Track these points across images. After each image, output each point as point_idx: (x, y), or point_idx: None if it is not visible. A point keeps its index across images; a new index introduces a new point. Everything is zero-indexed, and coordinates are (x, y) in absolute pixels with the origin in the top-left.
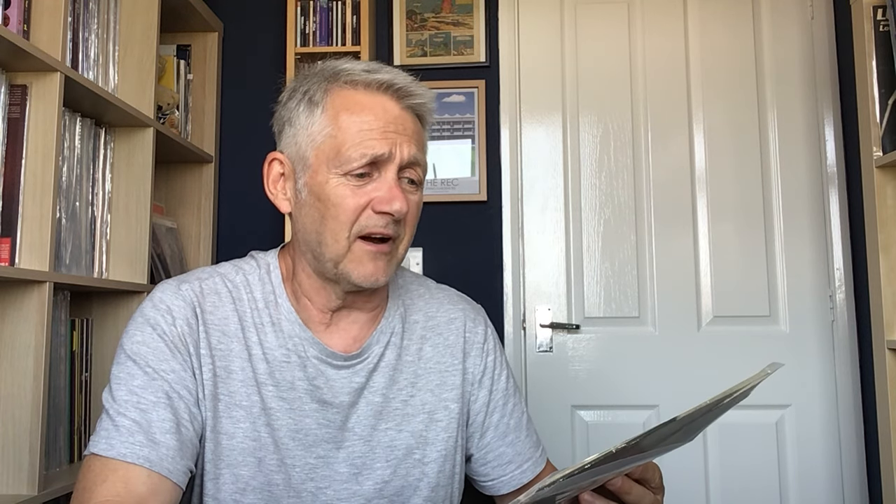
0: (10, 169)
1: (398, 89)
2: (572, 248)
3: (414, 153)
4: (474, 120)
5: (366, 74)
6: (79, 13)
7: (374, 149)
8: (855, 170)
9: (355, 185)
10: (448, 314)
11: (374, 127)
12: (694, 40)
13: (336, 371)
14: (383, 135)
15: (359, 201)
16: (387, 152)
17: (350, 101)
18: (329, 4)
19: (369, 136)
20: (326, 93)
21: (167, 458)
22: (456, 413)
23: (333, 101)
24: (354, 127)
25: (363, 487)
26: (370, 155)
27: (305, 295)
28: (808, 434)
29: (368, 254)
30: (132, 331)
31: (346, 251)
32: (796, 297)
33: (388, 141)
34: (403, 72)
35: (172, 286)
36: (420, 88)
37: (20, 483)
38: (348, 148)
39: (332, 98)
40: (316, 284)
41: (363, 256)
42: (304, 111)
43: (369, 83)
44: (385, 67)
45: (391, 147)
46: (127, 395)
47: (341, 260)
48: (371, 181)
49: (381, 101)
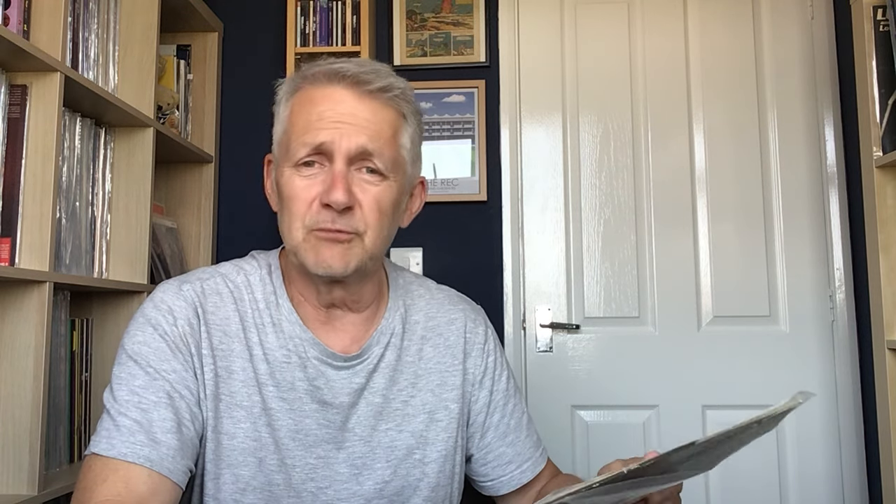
0: (10, 169)
1: (350, 77)
2: (572, 248)
3: (362, 143)
4: (474, 120)
5: (324, 66)
6: (79, 13)
7: (317, 137)
8: (855, 170)
9: (306, 176)
10: (448, 315)
11: (322, 118)
12: (694, 40)
13: (336, 372)
14: (330, 124)
15: (309, 193)
16: (328, 141)
17: (306, 96)
18: (329, 4)
19: (316, 125)
20: (291, 91)
21: (168, 458)
22: (456, 413)
23: (294, 99)
24: (303, 119)
25: (363, 487)
26: (311, 144)
27: (300, 292)
28: (808, 434)
29: (319, 241)
30: (133, 331)
31: (301, 241)
32: (796, 297)
33: (334, 131)
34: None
35: (174, 286)
36: (378, 77)
37: (20, 483)
38: (295, 139)
39: (295, 96)
40: (304, 280)
41: (316, 244)
42: (276, 111)
43: (326, 74)
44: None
45: (334, 136)
46: (128, 395)
47: (298, 249)
48: (322, 173)
49: (333, 92)
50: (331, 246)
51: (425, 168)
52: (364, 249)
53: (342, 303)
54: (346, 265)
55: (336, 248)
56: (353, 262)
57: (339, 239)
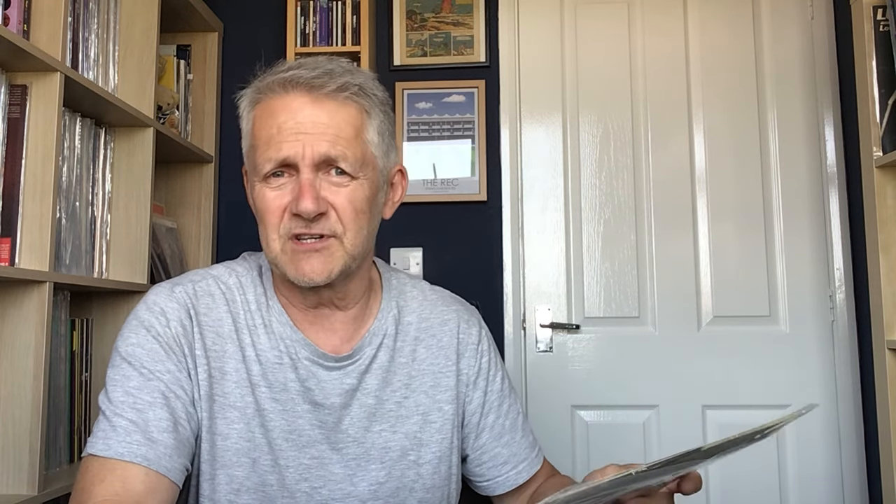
0: (10, 169)
1: (300, 84)
2: (572, 248)
3: (323, 151)
4: (474, 120)
5: (276, 75)
6: (79, 13)
7: (280, 152)
8: (855, 170)
9: (275, 188)
10: (442, 315)
11: (281, 130)
12: (694, 40)
13: (327, 372)
14: (290, 136)
15: (279, 203)
16: (291, 155)
17: (265, 108)
18: (329, 4)
19: (277, 139)
20: (251, 104)
21: (165, 457)
22: (451, 414)
23: (255, 112)
24: (264, 133)
25: (358, 489)
26: (274, 159)
27: (284, 295)
28: (808, 434)
29: (297, 253)
30: (126, 333)
31: (279, 252)
32: (796, 297)
33: (295, 143)
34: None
35: (166, 289)
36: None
37: (20, 483)
38: (259, 156)
39: (255, 109)
40: (288, 285)
41: (294, 256)
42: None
43: (279, 84)
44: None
45: (297, 149)
46: (123, 396)
47: (277, 261)
48: (290, 182)
49: (290, 100)
50: (309, 257)
51: (425, 168)
52: (345, 251)
53: (329, 301)
54: (329, 273)
55: (314, 258)
56: (336, 268)
57: (316, 248)
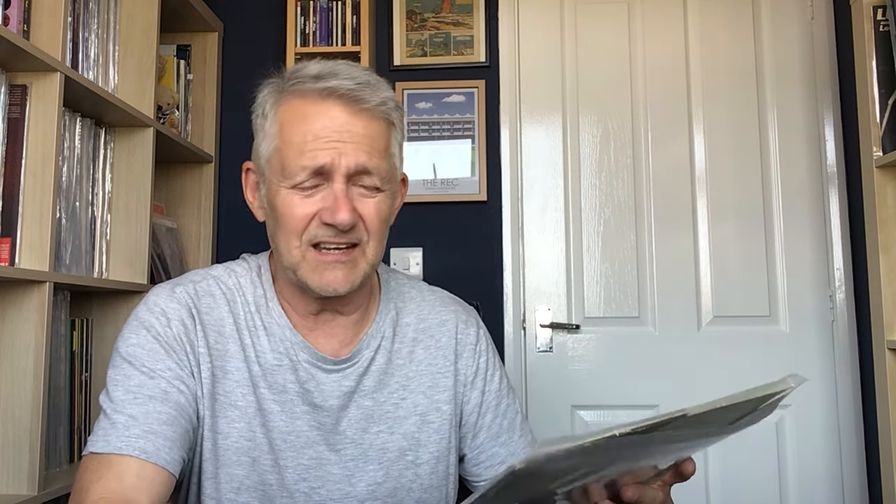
0: (10, 169)
1: (342, 95)
2: (572, 248)
3: (361, 161)
4: (474, 120)
5: (313, 82)
6: (79, 13)
7: (316, 159)
8: (855, 170)
9: (304, 195)
10: (440, 316)
11: (318, 137)
12: (694, 40)
13: (326, 375)
14: (327, 144)
15: (306, 210)
16: (328, 163)
17: (296, 111)
18: (329, 4)
19: (312, 146)
20: (276, 104)
21: (164, 449)
22: (448, 415)
23: (281, 113)
24: (297, 139)
25: (356, 489)
26: (311, 167)
27: (286, 300)
28: (808, 434)
29: (322, 263)
30: (127, 334)
31: (300, 260)
32: (796, 297)
33: (332, 151)
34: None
35: (166, 289)
36: (371, 92)
37: (20, 483)
38: (291, 160)
39: (281, 109)
40: (293, 290)
41: (318, 266)
42: (261, 123)
43: (317, 91)
44: (339, 70)
45: (334, 157)
46: (123, 395)
47: (297, 268)
48: (320, 191)
49: (326, 108)
50: (334, 267)
51: (425, 168)
52: (366, 261)
53: (332, 307)
54: (353, 283)
55: (339, 270)
56: (358, 279)
57: (342, 259)
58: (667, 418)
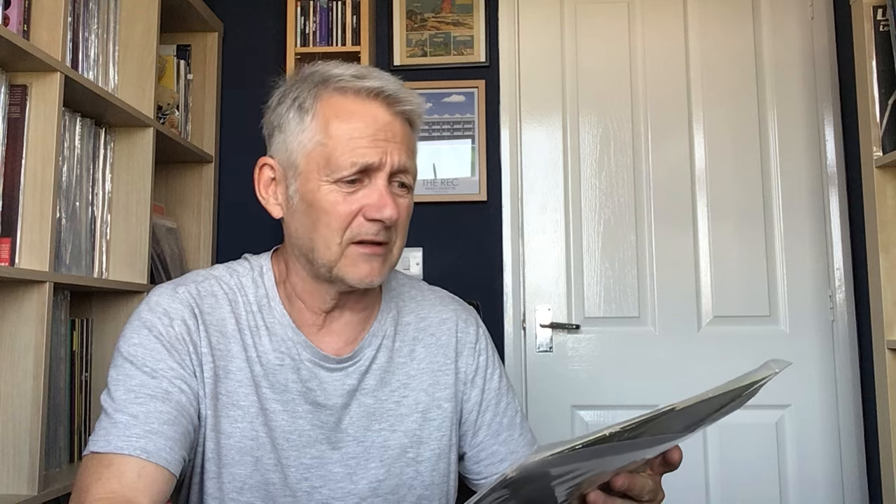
0: (10, 169)
1: (388, 96)
2: (572, 248)
3: (404, 160)
4: (474, 120)
5: (356, 81)
6: (79, 13)
7: (365, 157)
8: (855, 170)
9: (346, 191)
10: (440, 315)
11: (364, 135)
12: (694, 40)
13: (329, 374)
14: (373, 142)
15: (350, 208)
16: (377, 161)
17: (340, 108)
18: (329, 4)
19: (360, 143)
20: (317, 99)
21: (165, 449)
22: (449, 412)
23: (323, 109)
24: (345, 135)
25: (358, 487)
26: (360, 163)
27: (299, 297)
28: (808, 434)
29: (362, 256)
30: (128, 334)
31: (339, 256)
32: (796, 297)
33: (379, 149)
34: (392, 76)
35: (168, 289)
36: (409, 95)
37: (20, 483)
38: (339, 156)
39: (322, 105)
40: (309, 287)
41: (357, 259)
42: (294, 117)
43: (359, 90)
44: (374, 73)
45: (381, 155)
46: (125, 395)
47: (335, 265)
48: (362, 188)
49: (370, 108)
50: (370, 261)
51: (426, 168)
52: (392, 259)
53: (346, 304)
54: (382, 277)
55: (375, 262)
56: (386, 273)
57: (378, 252)
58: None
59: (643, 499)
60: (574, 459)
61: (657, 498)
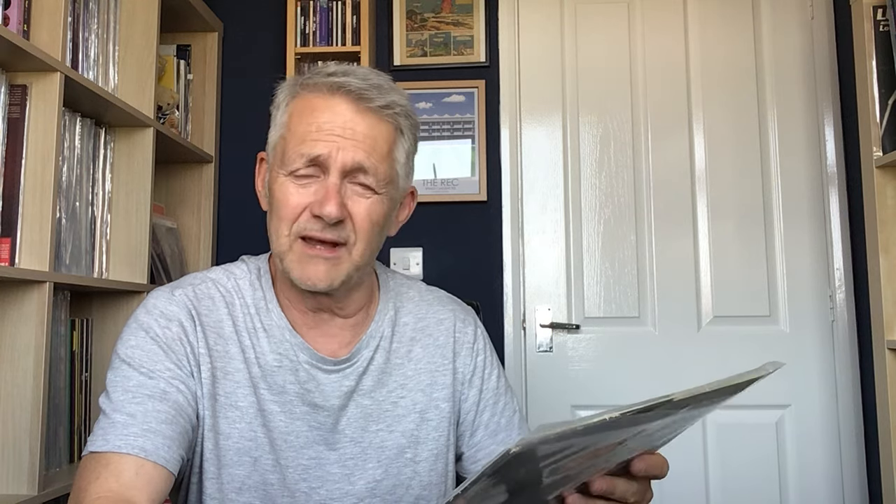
0: (10, 169)
1: (351, 92)
2: (572, 248)
3: (359, 159)
4: (474, 120)
5: (326, 77)
6: (79, 13)
7: (312, 150)
8: (855, 170)
9: (299, 185)
10: (438, 315)
11: (320, 129)
12: (694, 40)
13: (327, 375)
14: (328, 137)
15: (300, 201)
16: (324, 154)
17: (305, 104)
18: (329, 4)
19: (313, 137)
20: (291, 96)
21: (163, 447)
22: (447, 412)
23: (293, 104)
24: (301, 128)
25: (355, 487)
26: (307, 156)
27: (286, 297)
28: (808, 434)
29: (305, 256)
30: (126, 336)
31: (287, 249)
32: (796, 297)
33: (331, 144)
34: (378, 75)
35: (166, 292)
36: (380, 92)
37: (20, 483)
38: (292, 148)
39: (294, 101)
40: (289, 284)
41: (301, 257)
42: (274, 114)
43: (327, 85)
44: (355, 70)
45: (331, 150)
46: (122, 395)
47: (284, 257)
48: (315, 183)
49: (334, 103)
50: (316, 263)
51: (426, 168)
52: (351, 262)
53: (328, 308)
54: (332, 281)
55: (321, 265)
56: (339, 278)
57: (325, 255)
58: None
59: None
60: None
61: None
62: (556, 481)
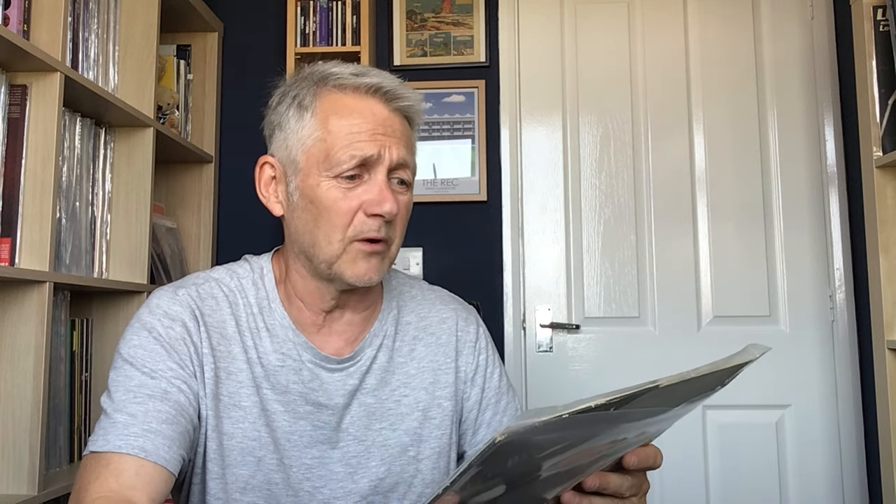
0: (10, 169)
1: (386, 92)
2: (572, 248)
3: (403, 155)
4: (474, 120)
5: (354, 78)
6: (79, 13)
7: (363, 150)
8: (855, 170)
9: (346, 187)
10: (440, 314)
11: (363, 129)
12: (694, 40)
13: (330, 374)
14: (372, 137)
15: (350, 204)
16: (375, 153)
17: (339, 104)
18: (329, 4)
19: (358, 138)
20: (315, 97)
21: (163, 447)
22: (450, 411)
23: (322, 105)
24: (344, 130)
25: (358, 485)
26: (359, 157)
27: (299, 297)
28: (808, 434)
29: (362, 253)
30: (129, 336)
31: (340, 252)
32: (796, 297)
33: (377, 143)
34: (390, 74)
35: (169, 292)
36: (408, 91)
37: (20, 483)
38: (338, 150)
39: (321, 102)
40: (310, 286)
41: (357, 256)
42: (293, 115)
43: (358, 87)
44: (372, 71)
45: (380, 149)
46: (124, 395)
47: (335, 261)
48: (362, 183)
49: (369, 103)
50: (369, 259)
51: (426, 168)
52: (390, 257)
53: (347, 304)
54: (381, 275)
55: (374, 260)
56: (384, 271)
57: (378, 250)
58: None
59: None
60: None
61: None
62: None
